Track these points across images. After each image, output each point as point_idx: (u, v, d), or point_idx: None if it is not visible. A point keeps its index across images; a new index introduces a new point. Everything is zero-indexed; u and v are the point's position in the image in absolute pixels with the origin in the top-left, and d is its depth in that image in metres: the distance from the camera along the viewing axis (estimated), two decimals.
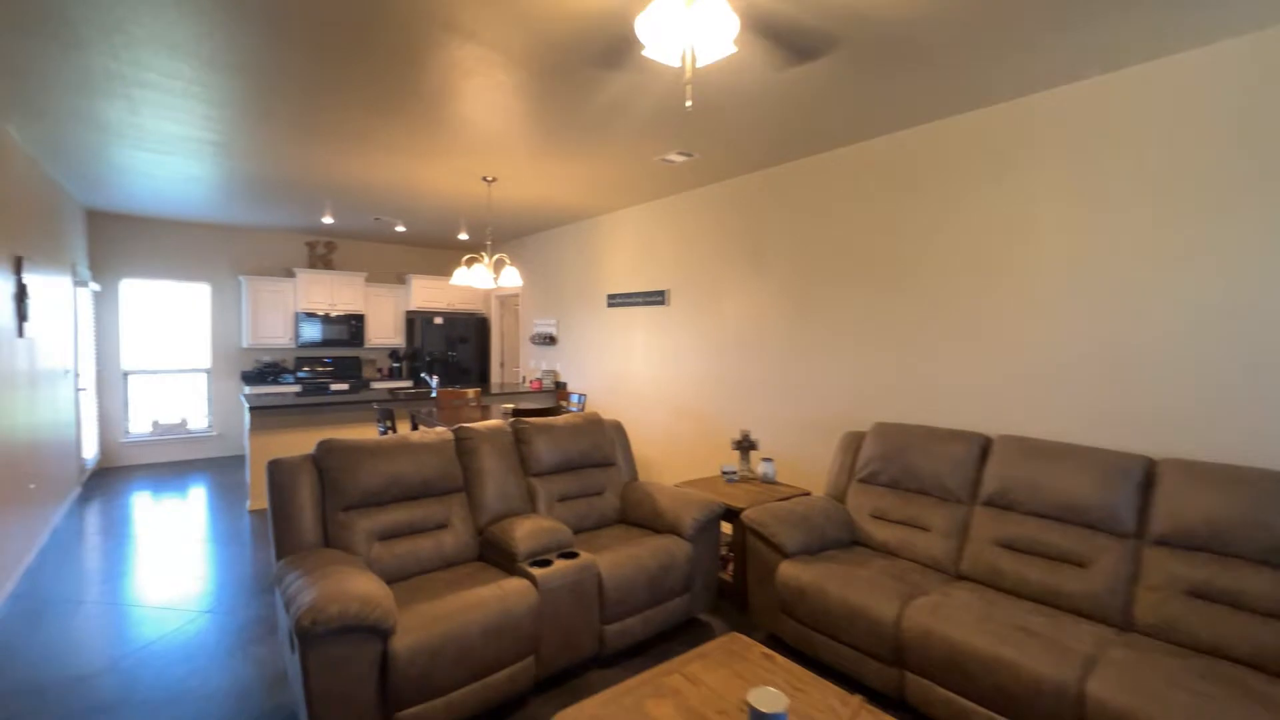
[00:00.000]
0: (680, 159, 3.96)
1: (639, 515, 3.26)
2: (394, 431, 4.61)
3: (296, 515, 2.46)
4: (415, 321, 8.04)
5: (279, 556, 2.40)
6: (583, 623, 2.57)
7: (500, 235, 7.48)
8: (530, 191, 5.01)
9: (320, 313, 7.42)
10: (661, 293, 5.16)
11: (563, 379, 6.74)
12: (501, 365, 8.51)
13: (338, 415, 5.45)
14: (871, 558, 2.84)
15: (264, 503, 4.97)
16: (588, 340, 6.31)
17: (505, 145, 3.78)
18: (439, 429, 3.03)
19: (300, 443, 5.26)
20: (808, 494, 3.52)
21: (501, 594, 2.36)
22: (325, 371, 7.61)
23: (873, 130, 3.42)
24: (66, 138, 3.74)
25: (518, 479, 3.08)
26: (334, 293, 7.52)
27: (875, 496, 3.09)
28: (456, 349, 8.30)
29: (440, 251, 8.79)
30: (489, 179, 4.59)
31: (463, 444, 3.01)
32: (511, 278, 4.60)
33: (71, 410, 5.22)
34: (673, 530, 3.04)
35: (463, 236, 7.40)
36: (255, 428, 5.03)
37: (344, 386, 7.34)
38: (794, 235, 4.04)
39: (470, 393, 5.42)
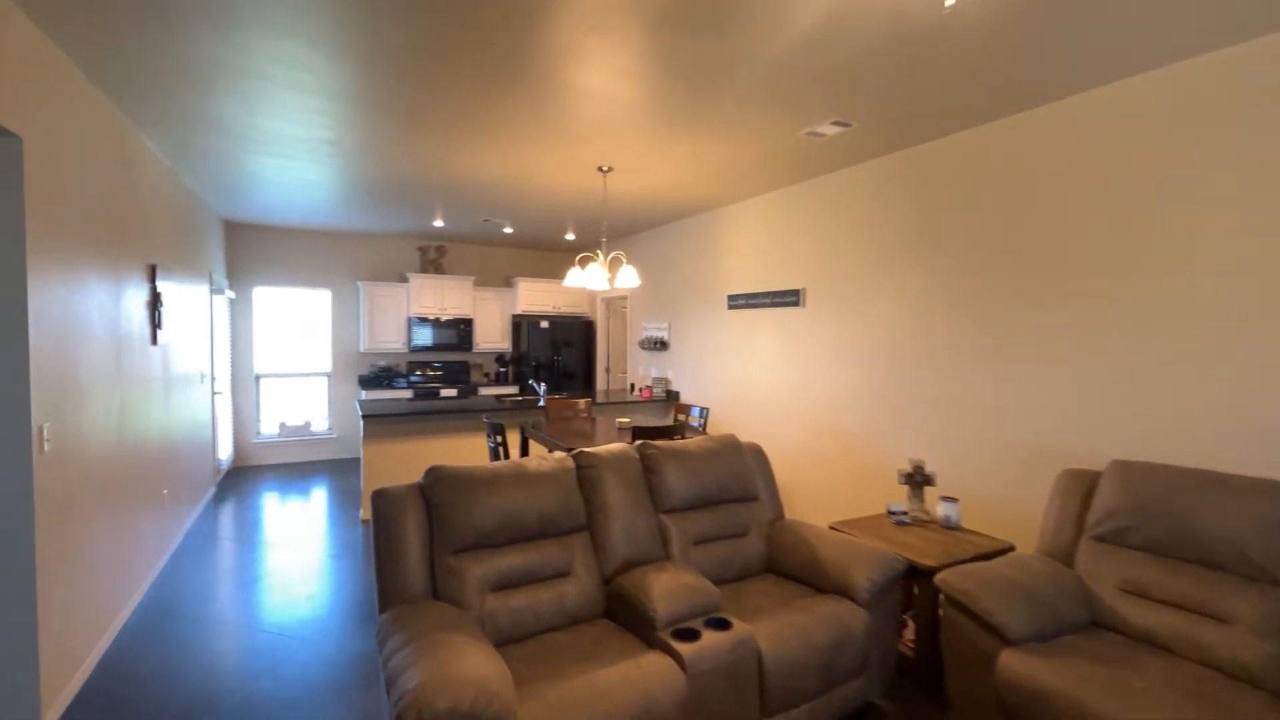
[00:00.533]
0: (833, 130, 3.30)
1: (791, 564, 2.65)
2: (504, 445, 4.29)
3: (402, 558, 2.10)
4: (521, 325, 7.88)
5: (383, 608, 2.05)
6: (739, 715, 2.01)
7: (610, 233, 7.11)
8: (647, 182, 4.54)
9: (431, 317, 7.42)
10: (795, 292, 4.50)
11: (674, 387, 6.23)
12: (607, 371, 8.16)
13: (446, 423, 5.27)
14: (1133, 652, 2.06)
15: None
16: (703, 345, 5.75)
17: (627, 125, 3.31)
18: (557, 454, 2.59)
19: (411, 452, 5.12)
20: (1011, 548, 2.75)
21: (641, 676, 1.86)
22: (435, 376, 7.61)
23: (1116, 72, 2.60)
24: (194, 143, 3.73)
25: (647, 516, 2.59)
26: (443, 297, 7.51)
27: (1125, 563, 2.29)
28: (561, 353, 8.05)
29: (547, 254, 8.60)
30: (605, 169, 4.16)
31: (585, 473, 2.55)
32: (629, 278, 4.14)
33: (207, 413, 5.41)
34: (840, 591, 2.41)
35: (570, 237, 7.11)
36: (368, 435, 4.94)
37: (453, 391, 7.28)
38: (975, 219, 3.25)
39: (581, 403, 5.03)
